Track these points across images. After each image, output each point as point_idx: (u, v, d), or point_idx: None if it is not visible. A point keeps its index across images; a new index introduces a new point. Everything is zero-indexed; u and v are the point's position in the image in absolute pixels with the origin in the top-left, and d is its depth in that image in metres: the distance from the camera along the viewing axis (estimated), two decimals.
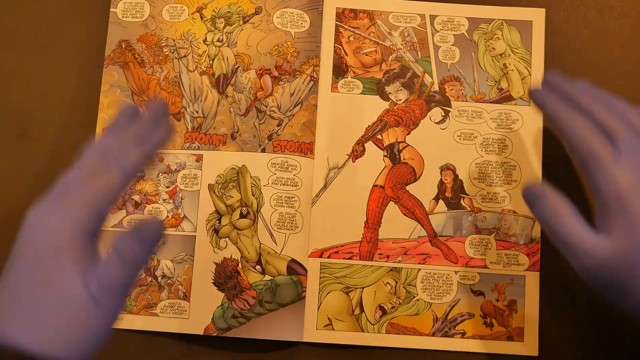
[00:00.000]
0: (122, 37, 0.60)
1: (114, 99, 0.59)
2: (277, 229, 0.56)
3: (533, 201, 0.46)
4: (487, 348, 0.55)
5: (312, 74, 0.58)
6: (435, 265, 0.56)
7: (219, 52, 0.59)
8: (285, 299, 0.55)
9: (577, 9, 0.60)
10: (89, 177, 0.40)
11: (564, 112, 0.46)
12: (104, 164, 0.40)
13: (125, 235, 0.40)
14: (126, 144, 0.41)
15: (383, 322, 0.56)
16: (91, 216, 0.39)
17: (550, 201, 0.45)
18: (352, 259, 0.56)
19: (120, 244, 0.40)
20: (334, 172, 0.58)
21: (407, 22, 0.60)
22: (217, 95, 0.58)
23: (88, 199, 0.39)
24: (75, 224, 0.39)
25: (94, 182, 0.40)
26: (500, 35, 0.59)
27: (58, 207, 0.39)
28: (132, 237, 0.40)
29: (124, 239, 0.40)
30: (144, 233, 0.40)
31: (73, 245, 0.39)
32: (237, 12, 0.60)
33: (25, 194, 0.58)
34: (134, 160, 0.41)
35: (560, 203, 0.45)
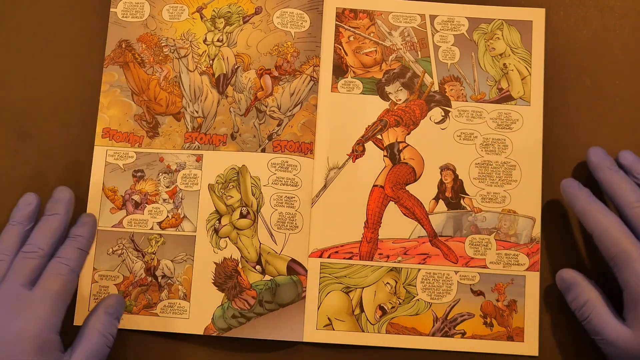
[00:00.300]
0: (122, 37, 0.59)
1: (114, 98, 0.59)
2: (277, 229, 0.56)
3: (567, 289, 0.52)
4: (487, 348, 0.55)
5: (312, 74, 0.58)
6: (435, 265, 0.56)
7: (219, 52, 0.59)
8: (285, 299, 0.55)
9: (577, 9, 0.60)
10: None
11: (593, 208, 0.50)
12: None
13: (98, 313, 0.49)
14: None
15: (383, 322, 0.56)
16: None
17: (583, 291, 0.51)
18: (352, 259, 0.56)
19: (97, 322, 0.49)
20: (334, 172, 0.58)
21: (407, 22, 0.60)
22: (217, 95, 0.58)
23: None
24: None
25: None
26: (500, 35, 0.59)
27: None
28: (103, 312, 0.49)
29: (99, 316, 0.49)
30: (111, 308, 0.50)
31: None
32: (237, 12, 0.60)
33: None
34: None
35: (592, 293, 0.51)
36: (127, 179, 0.57)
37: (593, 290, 0.51)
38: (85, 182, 0.58)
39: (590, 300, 0.50)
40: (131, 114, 0.58)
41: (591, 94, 0.58)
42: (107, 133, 0.58)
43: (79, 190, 0.58)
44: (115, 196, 0.57)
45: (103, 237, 0.57)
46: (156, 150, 0.58)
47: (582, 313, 0.51)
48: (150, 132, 0.58)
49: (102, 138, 0.58)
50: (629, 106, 0.58)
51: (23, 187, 0.58)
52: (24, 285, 0.47)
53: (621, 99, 0.58)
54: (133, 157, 0.58)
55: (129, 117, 0.58)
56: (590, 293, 0.51)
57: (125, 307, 0.55)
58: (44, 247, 0.49)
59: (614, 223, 0.49)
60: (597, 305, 0.50)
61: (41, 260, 0.48)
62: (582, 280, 0.52)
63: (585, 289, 0.51)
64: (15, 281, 0.47)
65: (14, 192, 0.58)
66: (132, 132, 0.58)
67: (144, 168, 0.58)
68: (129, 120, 0.58)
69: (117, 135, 0.58)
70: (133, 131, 0.58)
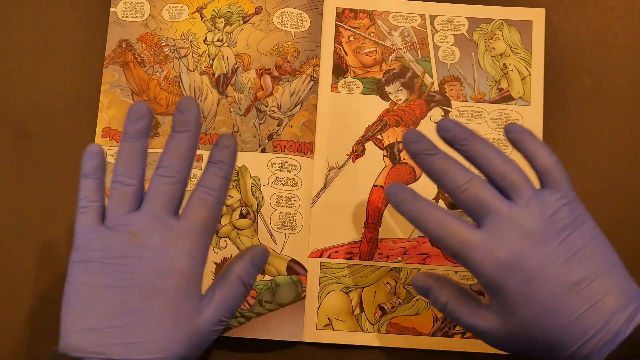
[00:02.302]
0: (122, 36, 0.60)
1: (114, 98, 0.59)
2: (277, 228, 0.56)
3: (425, 294, 0.48)
4: (486, 348, 0.55)
5: (312, 74, 0.58)
6: (435, 265, 0.56)
7: (219, 52, 0.59)
8: (285, 299, 0.55)
9: (577, 9, 0.60)
10: None
11: (420, 207, 0.45)
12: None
13: (248, 264, 0.45)
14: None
15: (383, 322, 0.56)
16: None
17: (439, 295, 0.47)
18: (352, 259, 0.56)
19: (247, 275, 0.45)
20: (334, 172, 0.58)
21: (407, 22, 0.60)
22: (217, 95, 0.58)
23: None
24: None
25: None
26: (500, 35, 0.59)
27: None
28: (254, 267, 0.46)
29: (249, 269, 0.45)
30: (262, 262, 0.46)
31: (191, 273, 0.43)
32: (237, 12, 0.60)
33: (25, 194, 0.58)
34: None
35: (447, 296, 0.47)
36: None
37: (450, 288, 0.47)
38: None
39: (450, 300, 0.47)
40: None
41: (591, 94, 0.58)
42: (107, 133, 0.58)
43: None
44: None
45: None
46: (156, 150, 0.58)
47: (448, 314, 0.47)
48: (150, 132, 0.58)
49: (102, 138, 0.58)
50: (629, 106, 0.58)
51: (23, 187, 0.58)
52: (168, 213, 0.43)
53: (621, 99, 0.58)
54: None
55: None
56: (447, 293, 0.47)
57: None
58: (180, 171, 0.43)
59: (446, 216, 0.45)
60: (458, 302, 0.46)
61: (180, 186, 0.43)
62: (436, 282, 0.48)
63: (442, 290, 0.47)
64: (159, 209, 0.42)
65: (14, 192, 0.58)
66: None
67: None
68: None
69: (118, 135, 0.58)
70: None
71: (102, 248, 0.42)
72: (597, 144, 0.58)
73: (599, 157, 0.58)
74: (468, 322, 0.46)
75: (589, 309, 0.42)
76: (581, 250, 0.43)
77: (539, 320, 0.43)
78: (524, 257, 0.43)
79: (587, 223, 0.45)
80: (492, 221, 0.44)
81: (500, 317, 0.44)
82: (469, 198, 0.45)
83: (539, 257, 0.43)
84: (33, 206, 0.58)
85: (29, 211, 0.58)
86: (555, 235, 0.44)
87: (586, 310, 0.42)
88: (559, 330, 0.42)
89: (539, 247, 0.43)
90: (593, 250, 0.44)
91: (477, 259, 0.43)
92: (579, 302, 0.42)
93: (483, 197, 0.44)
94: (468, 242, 0.44)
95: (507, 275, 0.43)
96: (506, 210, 0.44)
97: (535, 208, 0.44)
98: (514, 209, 0.44)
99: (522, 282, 0.43)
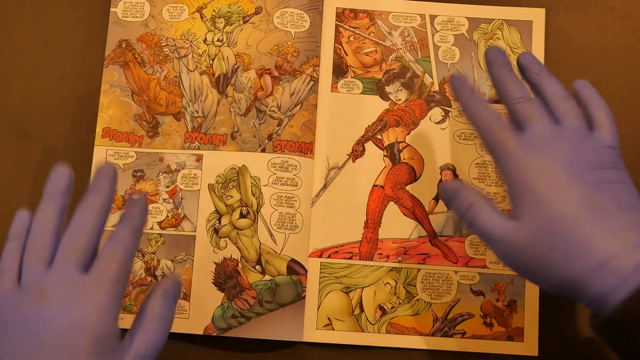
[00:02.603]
0: (123, 36, 0.60)
1: (114, 98, 0.59)
2: (277, 228, 0.56)
3: (450, 198, 0.48)
4: (486, 348, 0.55)
5: (312, 74, 0.58)
6: (435, 265, 0.56)
7: (219, 52, 0.59)
8: (285, 298, 0.55)
9: (577, 9, 0.60)
10: None
11: (474, 103, 0.48)
12: None
13: (156, 297, 0.44)
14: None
15: (383, 322, 0.56)
16: None
17: (466, 196, 0.47)
18: (352, 259, 0.56)
19: (156, 306, 0.44)
20: (334, 172, 0.58)
21: (407, 22, 0.60)
22: (217, 95, 0.58)
23: None
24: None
25: None
26: (500, 36, 0.59)
27: None
28: (162, 296, 0.44)
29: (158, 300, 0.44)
30: (169, 291, 0.44)
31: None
32: (237, 11, 0.60)
33: (25, 194, 0.58)
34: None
35: (476, 196, 0.47)
36: (127, 179, 0.57)
37: (477, 194, 0.47)
38: (85, 181, 0.58)
39: (475, 203, 0.46)
40: (131, 114, 0.58)
41: None
42: (107, 133, 0.58)
43: (79, 190, 0.57)
44: (115, 196, 0.57)
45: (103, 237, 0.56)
46: (156, 150, 0.58)
47: (467, 218, 0.47)
48: (150, 131, 0.58)
49: (102, 138, 0.58)
50: (629, 106, 0.58)
51: (23, 187, 0.58)
52: (77, 269, 0.42)
53: (621, 99, 0.58)
54: (133, 157, 0.58)
55: (129, 117, 0.58)
56: (473, 196, 0.47)
57: (125, 307, 0.55)
58: (92, 227, 0.43)
59: (493, 116, 0.47)
60: (482, 205, 0.46)
61: (90, 240, 0.43)
62: (464, 186, 0.49)
63: (468, 194, 0.47)
64: (68, 264, 0.42)
65: (14, 192, 0.58)
66: (132, 132, 0.58)
67: (144, 168, 0.58)
68: (129, 120, 0.58)
69: (117, 135, 0.58)
70: (133, 131, 0.58)
71: (15, 311, 0.41)
72: None
73: None
74: (487, 225, 0.45)
75: (609, 234, 0.41)
76: (611, 183, 0.44)
77: (556, 229, 0.42)
78: (555, 166, 0.44)
79: (624, 171, 0.45)
80: (535, 130, 0.45)
81: (520, 222, 0.44)
82: (520, 109, 0.46)
83: (572, 170, 0.44)
84: (33, 206, 0.58)
85: None
86: (591, 163, 0.44)
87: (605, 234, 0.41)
88: (572, 245, 0.42)
89: (574, 162, 0.44)
90: (622, 189, 0.44)
91: (510, 158, 0.45)
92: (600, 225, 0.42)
93: (532, 111, 0.46)
94: (506, 142, 0.45)
95: (536, 177, 0.44)
96: (550, 126, 0.46)
97: (579, 135, 0.46)
98: (559, 129, 0.46)
99: (546, 188, 0.43)
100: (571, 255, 0.41)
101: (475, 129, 0.47)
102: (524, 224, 0.43)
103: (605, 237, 0.41)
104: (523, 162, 0.44)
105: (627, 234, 0.41)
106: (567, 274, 0.42)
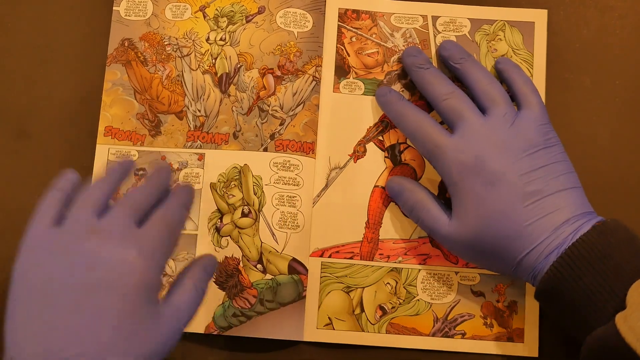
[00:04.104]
0: (125, 35, 0.60)
1: (117, 97, 0.59)
2: (278, 228, 0.56)
3: (398, 194, 0.53)
4: (487, 349, 0.55)
5: (314, 74, 0.58)
6: (435, 265, 0.56)
7: (222, 51, 0.59)
8: (286, 298, 0.55)
9: (577, 9, 0.60)
10: None
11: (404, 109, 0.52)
12: None
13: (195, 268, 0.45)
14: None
15: (383, 322, 0.56)
16: None
17: (409, 196, 0.52)
18: (352, 259, 0.57)
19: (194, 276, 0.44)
20: (336, 172, 0.58)
21: (409, 24, 0.60)
22: (219, 94, 0.59)
23: None
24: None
25: None
26: (502, 37, 0.59)
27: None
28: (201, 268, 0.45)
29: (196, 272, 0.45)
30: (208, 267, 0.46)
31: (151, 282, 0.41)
32: (240, 11, 0.60)
33: (25, 194, 0.58)
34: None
35: (419, 196, 0.52)
36: (129, 178, 0.57)
37: (422, 191, 0.52)
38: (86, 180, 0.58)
39: (418, 203, 0.51)
40: (133, 113, 0.58)
41: (591, 94, 0.59)
42: (109, 131, 0.58)
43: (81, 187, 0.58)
44: (117, 195, 0.57)
45: None
46: (158, 148, 0.58)
47: (414, 215, 0.52)
48: (152, 130, 0.58)
49: (104, 136, 0.58)
50: (629, 106, 0.58)
51: (23, 187, 0.58)
52: (131, 220, 0.42)
53: (621, 99, 0.58)
54: (135, 156, 0.58)
55: (131, 116, 0.58)
56: (419, 194, 0.52)
57: None
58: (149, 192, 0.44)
59: (426, 120, 0.50)
60: (424, 206, 0.51)
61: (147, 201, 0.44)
62: (410, 183, 0.53)
63: (414, 191, 0.52)
64: (122, 214, 0.42)
65: (14, 192, 0.58)
66: (135, 131, 0.58)
67: (146, 167, 0.58)
68: (131, 118, 0.58)
69: (119, 133, 0.58)
70: (135, 130, 0.58)
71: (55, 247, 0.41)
72: (597, 144, 0.58)
73: (599, 157, 0.58)
74: (432, 226, 0.50)
75: (541, 219, 0.46)
76: (544, 167, 0.48)
77: (493, 225, 0.47)
78: (486, 162, 0.47)
79: (556, 147, 0.49)
80: (464, 129, 0.49)
81: (460, 221, 0.48)
82: (447, 107, 0.50)
83: (501, 165, 0.47)
84: (33, 206, 0.58)
85: (28, 211, 0.58)
86: (522, 150, 0.48)
87: (538, 219, 0.46)
88: (510, 235, 0.47)
89: (503, 155, 0.47)
90: (556, 170, 0.48)
91: (446, 160, 0.49)
92: (532, 212, 0.46)
93: (460, 108, 0.49)
94: (440, 144, 0.49)
95: (469, 177, 0.47)
96: (479, 121, 0.49)
97: (507, 122, 0.49)
98: (487, 120, 0.49)
99: (481, 185, 0.47)
100: (509, 246, 0.47)
101: (410, 137, 0.51)
102: (464, 223, 0.48)
103: (537, 224, 0.46)
104: (457, 163, 0.48)
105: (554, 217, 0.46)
106: (507, 262, 0.47)
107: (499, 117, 0.49)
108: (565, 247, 0.45)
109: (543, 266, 0.46)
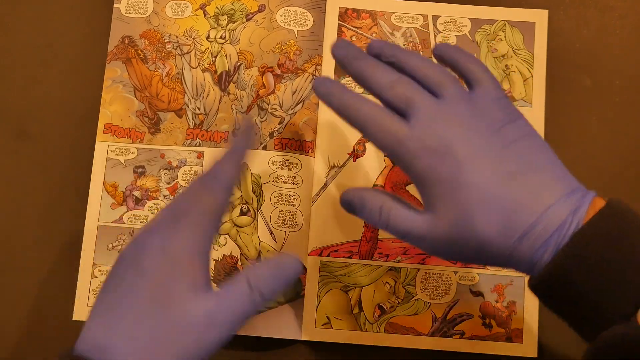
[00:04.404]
0: (125, 33, 0.60)
1: (116, 94, 0.59)
2: (277, 226, 0.56)
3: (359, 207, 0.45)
4: (485, 349, 0.55)
5: (314, 73, 0.58)
6: (434, 265, 0.56)
7: (222, 49, 0.59)
8: (284, 297, 0.55)
9: (577, 9, 0.60)
10: (195, 201, 0.41)
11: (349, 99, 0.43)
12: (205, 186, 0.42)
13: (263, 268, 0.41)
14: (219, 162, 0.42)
15: (382, 321, 0.56)
16: (203, 238, 0.40)
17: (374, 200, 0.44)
18: (351, 258, 0.56)
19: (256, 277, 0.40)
20: (335, 171, 0.58)
21: (410, 23, 0.60)
22: (219, 93, 0.59)
23: (198, 222, 0.40)
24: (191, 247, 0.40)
25: (201, 205, 0.41)
26: (502, 37, 0.59)
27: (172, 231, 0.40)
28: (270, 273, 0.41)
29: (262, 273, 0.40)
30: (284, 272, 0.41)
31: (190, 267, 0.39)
32: (241, 9, 0.60)
33: (25, 194, 0.58)
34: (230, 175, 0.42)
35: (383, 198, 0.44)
36: (128, 175, 0.57)
37: (382, 195, 0.44)
38: (86, 177, 0.58)
39: (384, 205, 0.43)
40: (133, 110, 0.59)
41: (591, 94, 0.59)
42: (108, 129, 0.58)
43: (80, 185, 0.58)
44: (116, 192, 0.57)
45: (103, 233, 0.57)
46: (157, 146, 0.58)
47: (381, 222, 0.44)
48: (151, 128, 0.58)
49: (104, 134, 0.58)
50: (629, 106, 0.58)
51: (23, 187, 0.58)
52: None
53: (621, 99, 0.58)
54: (134, 153, 0.58)
55: (130, 113, 0.58)
56: (380, 199, 0.44)
57: None
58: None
59: (376, 109, 0.42)
60: (392, 206, 0.43)
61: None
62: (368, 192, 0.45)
63: (375, 197, 0.44)
64: None
65: (14, 192, 0.58)
66: (134, 128, 0.58)
67: (145, 164, 0.58)
68: (130, 116, 0.58)
69: (119, 131, 0.58)
70: (135, 127, 0.58)
71: None
72: (597, 144, 0.58)
73: (599, 157, 0.58)
74: (402, 228, 0.43)
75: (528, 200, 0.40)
76: (517, 142, 0.41)
77: (473, 213, 0.40)
78: (453, 145, 0.41)
79: (520, 120, 0.43)
80: (420, 114, 0.42)
81: (434, 217, 0.41)
82: (395, 95, 0.42)
83: (471, 144, 0.41)
84: (33, 206, 0.58)
85: (28, 211, 0.58)
86: (487, 126, 0.42)
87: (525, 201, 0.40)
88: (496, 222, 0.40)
89: (471, 134, 0.41)
90: (530, 145, 0.42)
91: (408, 150, 0.41)
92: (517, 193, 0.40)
93: (409, 94, 0.42)
94: (398, 135, 0.41)
95: (438, 163, 0.41)
96: (433, 103, 0.42)
97: (463, 101, 0.42)
98: (442, 102, 0.42)
99: (452, 169, 0.40)
100: (495, 234, 0.40)
101: (360, 129, 0.43)
102: (440, 216, 0.41)
103: (524, 205, 0.39)
104: (420, 150, 0.41)
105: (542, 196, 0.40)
106: (495, 252, 0.40)
107: (453, 97, 0.43)
108: (567, 231, 0.39)
109: (542, 254, 0.40)
